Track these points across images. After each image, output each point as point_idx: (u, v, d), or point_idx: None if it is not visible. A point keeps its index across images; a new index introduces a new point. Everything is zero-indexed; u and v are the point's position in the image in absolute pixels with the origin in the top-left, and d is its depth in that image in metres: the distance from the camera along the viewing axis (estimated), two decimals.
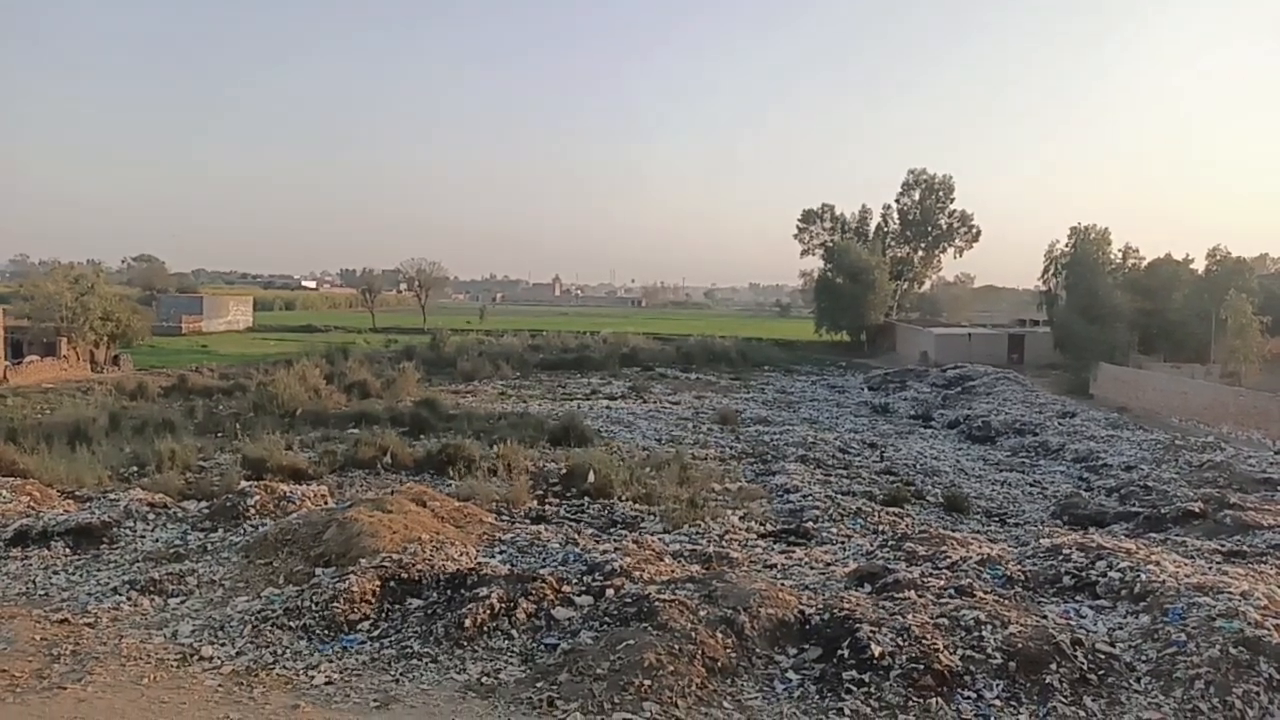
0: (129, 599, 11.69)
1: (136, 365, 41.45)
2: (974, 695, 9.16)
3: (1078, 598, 11.56)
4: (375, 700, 9.14)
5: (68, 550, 13.54)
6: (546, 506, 17.46)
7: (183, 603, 11.70)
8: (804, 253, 71.09)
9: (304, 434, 24.34)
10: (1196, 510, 17.20)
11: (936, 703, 8.98)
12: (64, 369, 38.31)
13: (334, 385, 32.48)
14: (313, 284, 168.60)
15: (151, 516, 15.26)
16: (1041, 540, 13.86)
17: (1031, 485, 22.23)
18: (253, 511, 15.17)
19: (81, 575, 12.76)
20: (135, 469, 19.64)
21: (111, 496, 16.09)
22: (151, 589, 12.00)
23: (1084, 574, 12.06)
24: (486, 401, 33.13)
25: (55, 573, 12.77)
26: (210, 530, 14.65)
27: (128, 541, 14.22)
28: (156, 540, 14.32)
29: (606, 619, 10.66)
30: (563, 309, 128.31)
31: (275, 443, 21.22)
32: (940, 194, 68.02)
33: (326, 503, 16.03)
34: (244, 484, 16.58)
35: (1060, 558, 12.63)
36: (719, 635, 9.89)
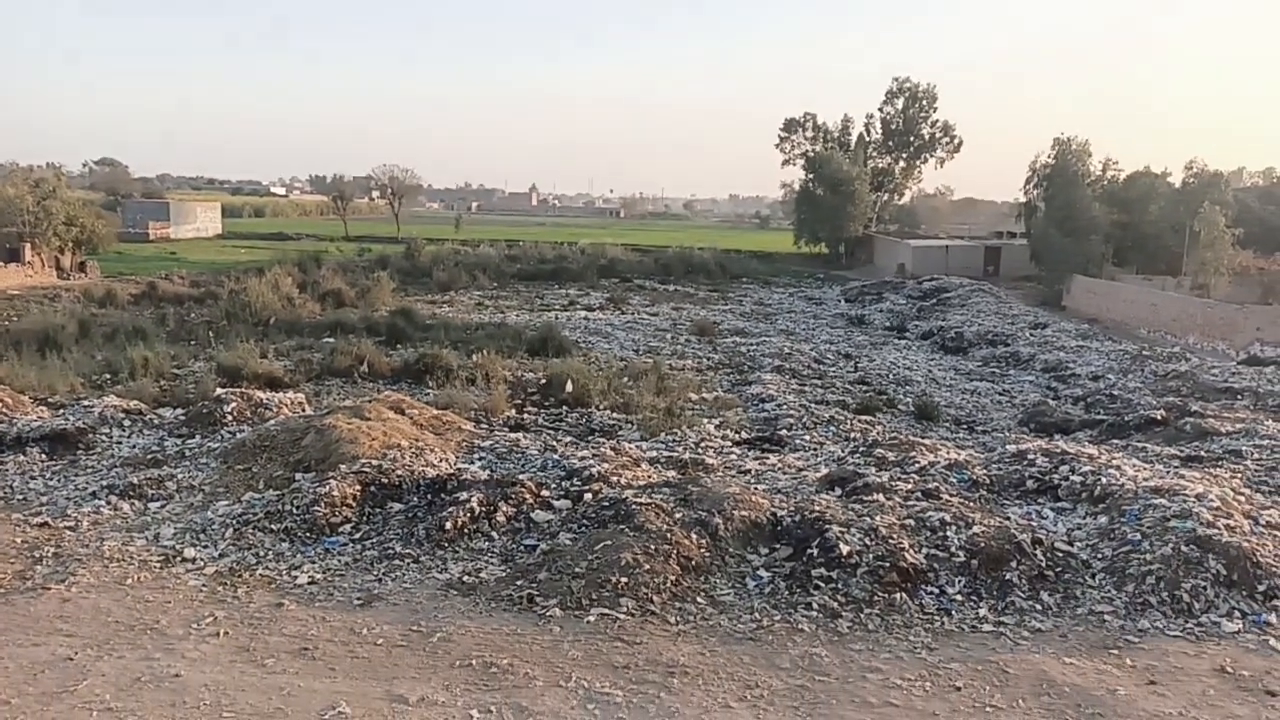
0: (109, 503, 11.79)
1: (104, 272, 40.60)
2: (937, 591, 9.56)
3: (1040, 500, 11.98)
4: (359, 598, 9.38)
5: (44, 456, 13.52)
6: (525, 415, 17.60)
7: (163, 507, 11.82)
8: (785, 163, 70.10)
9: (278, 343, 24.14)
10: (1158, 418, 17.68)
11: (901, 598, 9.37)
12: (29, 275, 37.48)
13: (308, 294, 32.06)
14: (282, 191, 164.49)
15: (127, 423, 15.24)
16: (1008, 446, 14.26)
17: (1001, 394, 22.68)
18: (230, 418, 15.19)
19: (59, 480, 12.81)
20: (108, 376, 19.46)
21: (85, 403, 15.99)
22: (131, 494, 12.09)
23: (1047, 478, 12.47)
24: (463, 312, 32.95)
25: (32, 478, 12.80)
26: (187, 437, 14.68)
27: (104, 447, 14.23)
28: (134, 446, 14.35)
29: (585, 521, 10.92)
30: (540, 219, 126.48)
31: (250, 351, 21.04)
32: (924, 103, 66.93)
33: (304, 410, 16.06)
34: (220, 391, 16.54)
35: (1025, 463, 13.02)
36: (693, 536, 10.18)
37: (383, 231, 73.26)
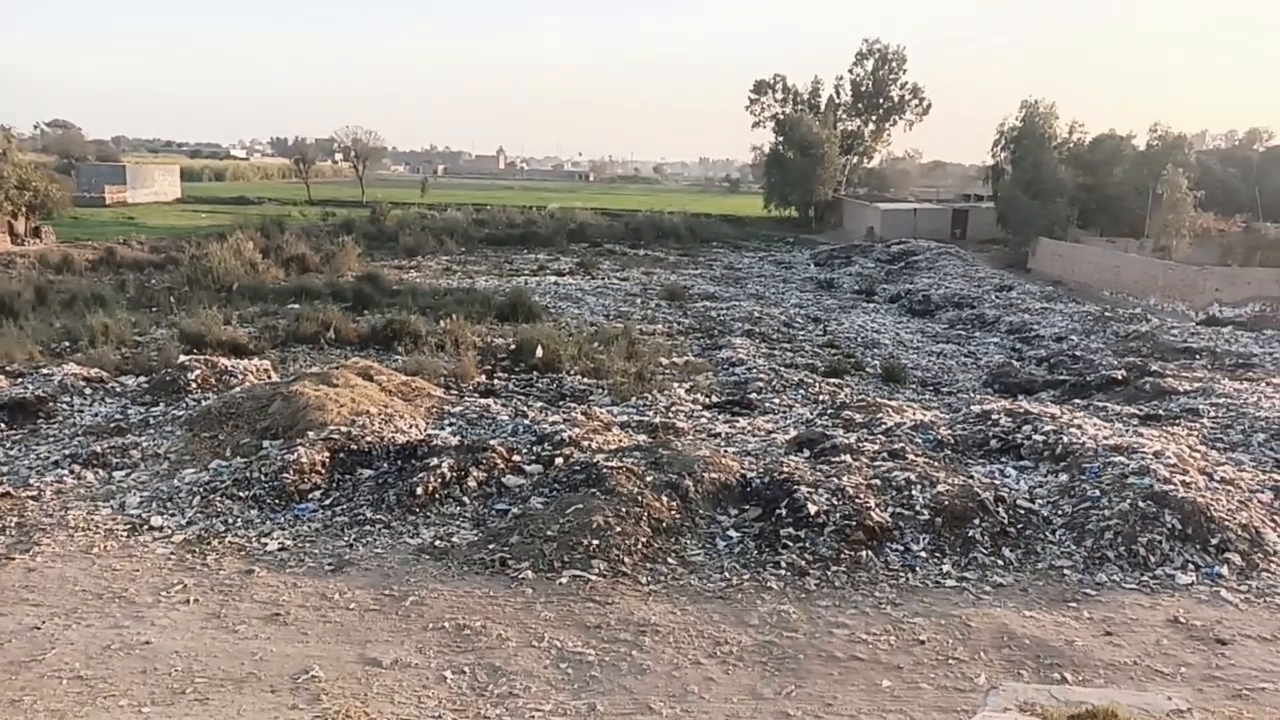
0: (72, 472, 11.62)
1: (60, 238, 39.46)
2: (902, 548, 9.78)
3: (1003, 459, 12.25)
4: (330, 564, 9.38)
5: (2, 425, 13.26)
6: (495, 381, 17.53)
7: (128, 475, 11.68)
8: (755, 125, 69.63)
9: (242, 309, 23.72)
10: (1119, 378, 18.08)
11: (867, 555, 9.57)
12: None
13: (271, 259, 31.41)
14: (242, 153, 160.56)
15: (88, 391, 14.98)
16: (972, 407, 14.50)
17: (966, 356, 23.00)
18: (194, 386, 14.97)
19: (20, 450, 12.58)
20: (67, 344, 19.03)
21: (45, 371, 15.66)
22: (95, 462, 11.91)
23: (1010, 437, 12.73)
24: (431, 277, 32.59)
25: None
26: (151, 405, 14.47)
27: (66, 416, 13.98)
28: (96, 415, 14.12)
29: (556, 485, 10.98)
30: (508, 183, 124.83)
31: (213, 317, 20.66)
32: (893, 65, 66.73)
33: (270, 377, 15.87)
34: (183, 358, 16.27)
35: (989, 423, 13.27)
36: (664, 499, 10.29)
37: (347, 195, 71.93)
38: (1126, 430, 13.12)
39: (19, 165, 40.61)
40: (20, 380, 15.31)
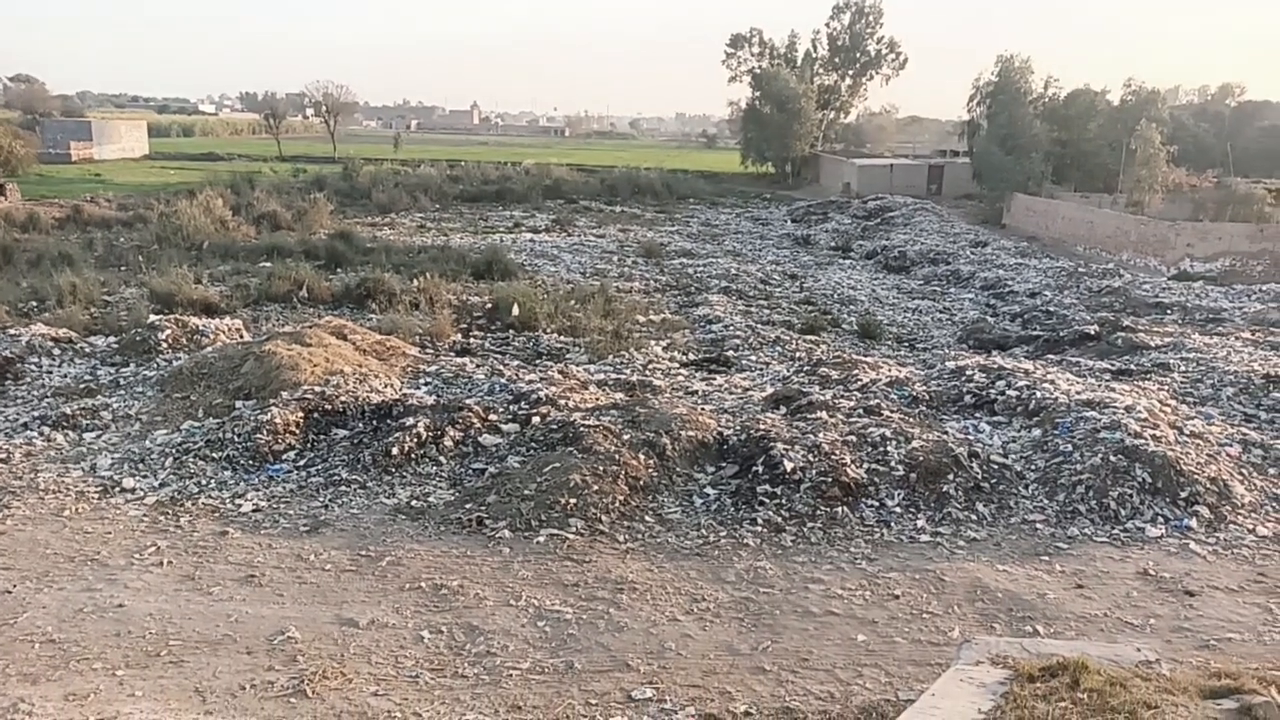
0: (41, 434, 11.44)
1: (25, 195, 38.38)
2: (877, 504, 9.88)
3: (977, 415, 12.35)
4: (305, 524, 9.32)
5: None
6: (471, 339, 17.38)
7: (99, 437, 11.51)
8: (731, 79, 68.82)
9: (213, 267, 23.29)
10: (1092, 333, 18.22)
11: (842, 511, 9.66)
12: None
13: (241, 217, 30.76)
14: (211, 109, 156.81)
15: (57, 352, 14.68)
16: (947, 363, 14.59)
17: (941, 312, 23.10)
18: (165, 346, 14.72)
19: None
20: (34, 304, 18.61)
21: (11, 332, 15.30)
22: (65, 424, 11.73)
23: (984, 393, 12.83)
24: (405, 234, 32.10)
25: None
26: (121, 365, 14.22)
27: (34, 377, 13.73)
28: (65, 376, 13.86)
29: (533, 444, 10.95)
30: (482, 138, 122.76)
31: (183, 276, 20.26)
32: (870, 19, 65.97)
33: (242, 337, 15.64)
34: (154, 318, 15.98)
35: (963, 379, 13.36)
36: (641, 457, 10.29)
37: (318, 151, 70.52)
38: (1099, 385, 13.26)
39: None
40: None
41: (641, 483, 9.98)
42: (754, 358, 16.72)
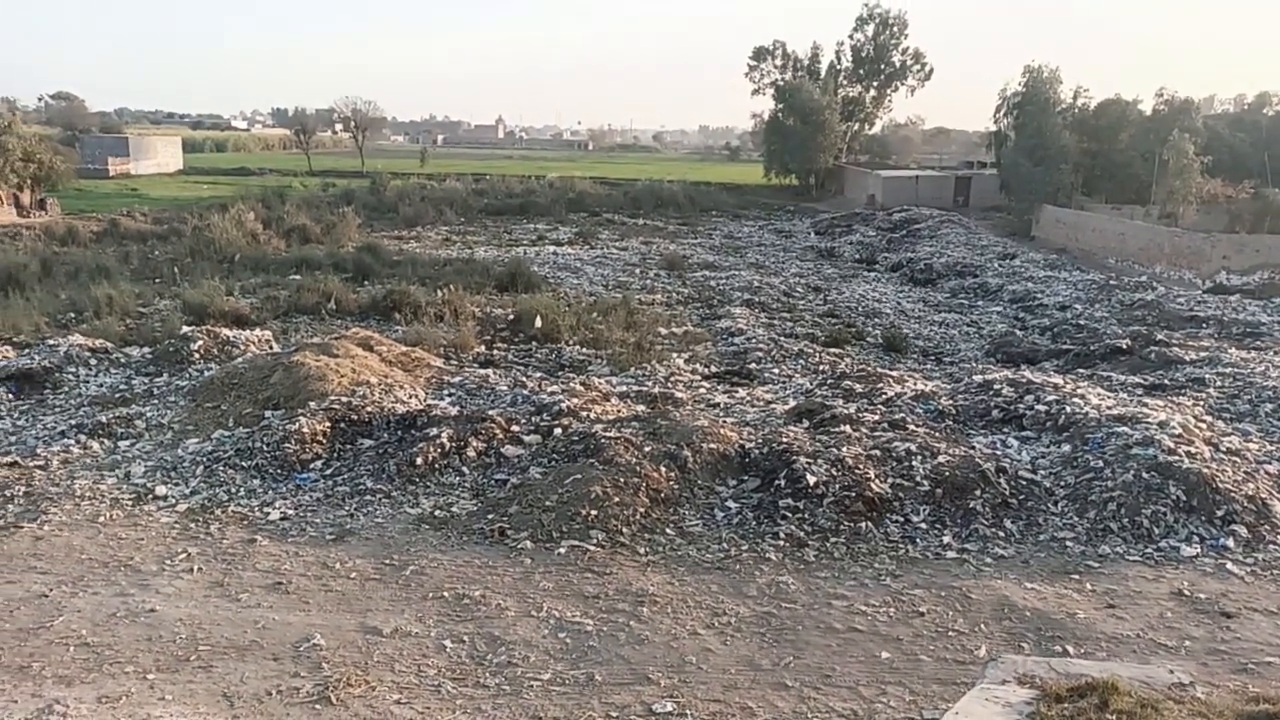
0: (78, 442, 11.66)
1: (64, 209, 39.30)
2: (902, 519, 9.77)
3: (1005, 429, 12.19)
4: (331, 533, 9.42)
5: (10, 396, 13.33)
6: (494, 351, 17.50)
7: (133, 445, 11.71)
8: (755, 92, 68.90)
9: (244, 280, 23.67)
10: (1124, 347, 17.94)
11: (866, 526, 9.58)
12: None
13: (272, 230, 31.27)
14: (243, 124, 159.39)
15: (94, 362, 14.98)
16: (974, 377, 14.43)
17: (969, 325, 22.87)
18: (197, 356, 14.96)
19: (27, 420, 12.64)
20: (73, 315, 19.04)
21: (50, 343, 15.65)
22: (100, 432, 11.96)
23: (1012, 407, 12.67)
24: (430, 247, 32.41)
25: (0, 418, 12.61)
26: (155, 375, 14.48)
27: (71, 387, 14.02)
28: (101, 385, 14.14)
29: (555, 456, 10.98)
30: (507, 152, 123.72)
31: (215, 288, 20.63)
32: (894, 30, 65.75)
33: (271, 347, 15.86)
34: (186, 329, 16.26)
35: (991, 392, 13.21)
36: (663, 469, 10.28)
37: (347, 166, 71.45)
38: (1131, 400, 13.05)
39: (23, 138, 40.37)
40: (27, 351, 15.34)
41: (663, 495, 9.97)
42: (777, 370, 16.66)
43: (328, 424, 11.57)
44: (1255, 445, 11.52)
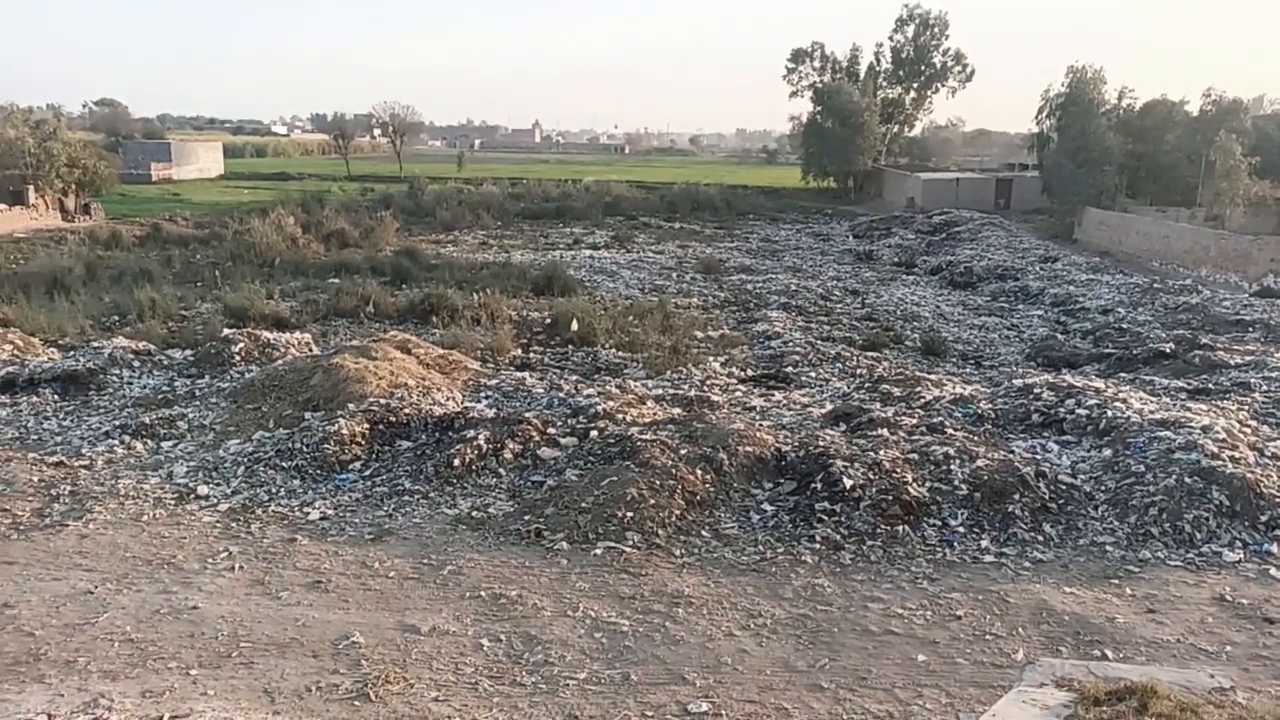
0: (122, 442, 11.95)
1: (108, 214, 40.33)
2: (939, 523, 9.68)
3: (1045, 434, 12.03)
4: (370, 533, 9.55)
5: (56, 397, 13.69)
6: (531, 354, 17.63)
7: (175, 446, 11.97)
8: (793, 94, 68.64)
9: (284, 283, 24.12)
10: (1167, 351, 17.58)
11: (903, 530, 9.49)
12: (34, 218, 37.28)
13: (311, 235, 31.80)
14: (283, 130, 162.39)
15: (137, 364, 15.35)
16: (1014, 380, 14.24)
17: (1009, 329, 22.57)
18: (238, 358, 15.26)
19: (72, 420, 12.97)
20: (116, 318, 19.53)
21: (95, 345, 16.08)
22: (143, 433, 12.24)
23: (1053, 411, 12.49)
24: (468, 251, 32.74)
25: (46, 418, 12.96)
26: (197, 377, 14.79)
27: (115, 388, 14.37)
28: (144, 387, 14.48)
29: (591, 458, 11.03)
30: (543, 156, 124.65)
31: (256, 292, 21.06)
32: (935, 30, 65.12)
33: (311, 350, 16.13)
34: (227, 332, 16.59)
35: (1031, 397, 13.03)
36: (698, 471, 10.28)
37: (385, 170, 72.49)
38: (1174, 405, 12.80)
39: (69, 144, 41.52)
40: (72, 353, 15.75)
41: (698, 498, 9.97)
42: (814, 374, 16.57)
43: (366, 425, 11.74)
44: None
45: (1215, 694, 4.89)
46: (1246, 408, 13.19)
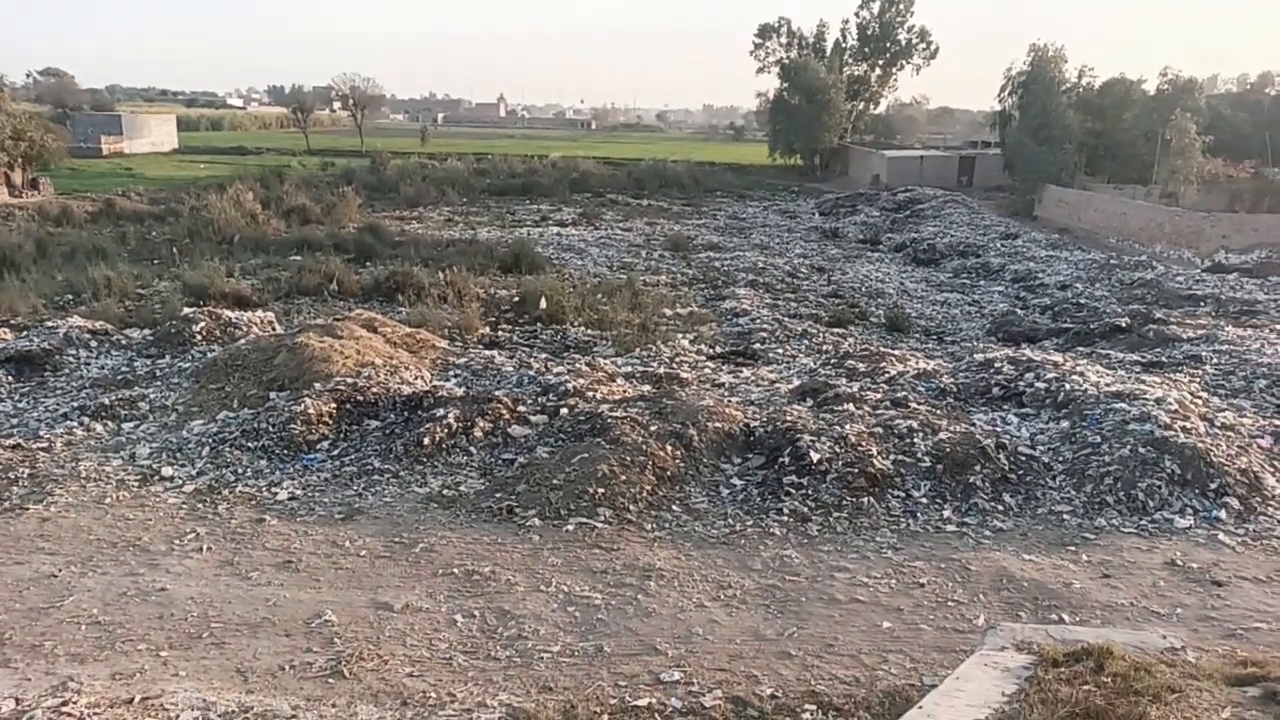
0: (81, 424, 11.74)
1: (57, 189, 39.16)
2: (903, 494, 9.90)
3: (1005, 406, 12.32)
4: (340, 512, 9.52)
5: (10, 378, 13.38)
6: (499, 333, 17.57)
7: (137, 427, 11.80)
8: (759, 70, 68.57)
9: (244, 261, 23.67)
10: (1123, 325, 18.05)
11: (868, 501, 9.70)
12: None
13: (271, 211, 31.18)
14: (239, 102, 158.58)
15: (94, 344, 15.04)
16: (975, 355, 14.53)
17: (970, 305, 22.95)
18: (199, 338, 15.03)
19: (28, 402, 12.71)
20: (70, 297, 19.06)
21: (49, 325, 15.71)
22: (103, 414, 12.04)
23: (1012, 385, 12.79)
24: (433, 228, 32.39)
25: (0, 400, 12.69)
26: (157, 357, 14.54)
27: (72, 369, 14.08)
28: (103, 367, 14.21)
29: (561, 435, 11.08)
30: (509, 131, 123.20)
31: (215, 269, 20.66)
32: (900, 7, 65.36)
33: (274, 329, 15.92)
34: (187, 311, 16.31)
35: (991, 371, 13.32)
36: (668, 448, 10.39)
37: (346, 145, 71.19)
38: (1129, 377, 13.15)
39: (13, 115, 40.12)
40: (25, 333, 15.38)
41: (669, 473, 10.08)
42: (781, 350, 16.74)
43: (333, 405, 11.65)
44: (1249, 420, 11.66)
45: (1167, 653, 5.11)
46: (1197, 379, 13.61)
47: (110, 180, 44.41)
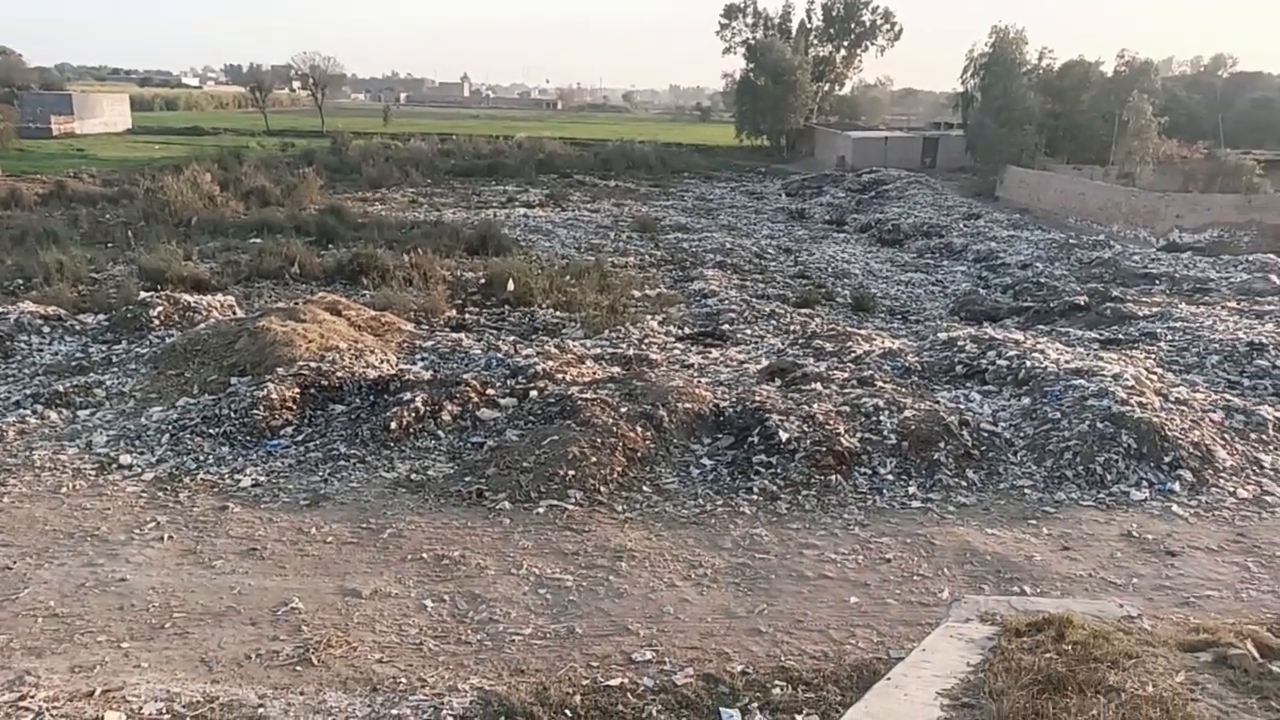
0: (34, 412, 11.45)
1: (6, 171, 38.04)
2: (870, 472, 10.03)
3: (968, 384, 12.50)
4: (305, 499, 9.41)
5: None
6: (466, 315, 17.42)
7: (93, 414, 11.54)
8: (726, 51, 68.38)
9: (202, 244, 23.16)
10: (1081, 304, 18.38)
11: (836, 479, 9.81)
12: None
13: (230, 192, 30.53)
14: (195, 81, 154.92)
15: (46, 330, 14.65)
16: (939, 334, 14.71)
17: (934, 285, 23.20)
18: (157, 323, 14.70)
19: None
20: (20, 282, 18.52)
21: None
22: (57, 402, 11.75)
23: (975, 363, 12.98)
24: (397, 210, 31.95)
25: None
26: (113, 342, 14.21)
27: (24, 355, 13.71)
28: (56, 353, 13.86)
29: (531, 418, 11.04)
30: (473, 111, 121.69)
31: (173, 253, 20.19)
32: None
33: (234, 313, 15.63)
34: (144, 295, 15.94)
35: (955, 349, 13.50)
36: (639, 429, 10.40)
37: (306, 125, 69.88)
38: (1087, 355, 13.41)
39: None
40: None
41: (639, 454, 10.10)
42: (749, 331, 16.81)
43: (297, 390, 11.49)
44: (1201, 395, 11.96)
45: (1124, 621, 5.24)
46: (1153, 356, 13.93)
47: (61, 162, 43.17)
